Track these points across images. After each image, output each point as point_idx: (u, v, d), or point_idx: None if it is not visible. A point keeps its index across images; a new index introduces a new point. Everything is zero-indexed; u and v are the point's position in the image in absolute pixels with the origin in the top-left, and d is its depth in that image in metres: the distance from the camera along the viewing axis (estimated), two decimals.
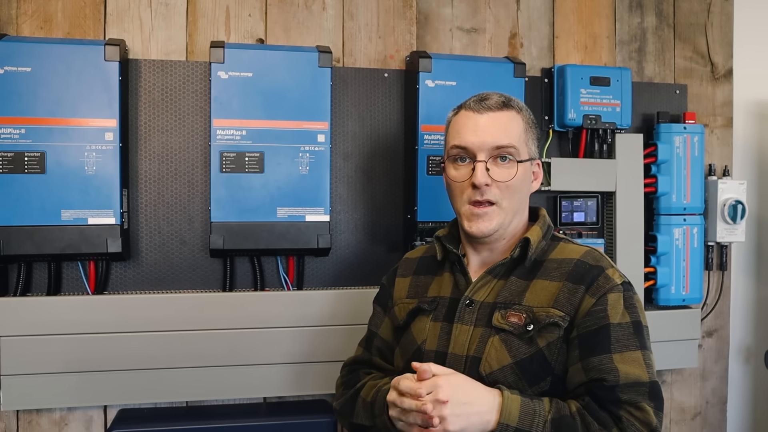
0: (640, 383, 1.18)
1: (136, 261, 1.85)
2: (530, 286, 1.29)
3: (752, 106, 2.43)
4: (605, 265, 1.28)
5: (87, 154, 1.69)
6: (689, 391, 2.32)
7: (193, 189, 1.87)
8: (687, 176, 2.13)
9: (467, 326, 1.30)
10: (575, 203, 2.11)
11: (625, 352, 1.20)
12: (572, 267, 1.28)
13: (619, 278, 1.27)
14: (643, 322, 1.26)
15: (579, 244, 1.35)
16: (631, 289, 1.28)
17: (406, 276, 1.48)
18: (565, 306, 1.24)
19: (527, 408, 1.17)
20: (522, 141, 1.34)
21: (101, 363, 1.74)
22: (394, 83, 2.00)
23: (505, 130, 1.32)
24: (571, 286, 1.25)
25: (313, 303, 1.86)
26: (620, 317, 1.23)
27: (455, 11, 2.08)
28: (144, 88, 1.84)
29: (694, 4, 2.29)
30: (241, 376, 1.82)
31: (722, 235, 2.22)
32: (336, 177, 1.95)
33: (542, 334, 1.23)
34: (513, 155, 1.31)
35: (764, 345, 2.42)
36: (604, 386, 1.18)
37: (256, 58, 1.78)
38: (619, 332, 1.22)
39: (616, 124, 2.05)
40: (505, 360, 1.23)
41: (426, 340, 1.34)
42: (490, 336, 1.26)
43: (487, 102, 1.34)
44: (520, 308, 1.26)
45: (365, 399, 1.36)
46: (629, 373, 1.19)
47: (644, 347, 1.23)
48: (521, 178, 1.33)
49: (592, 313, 1.23)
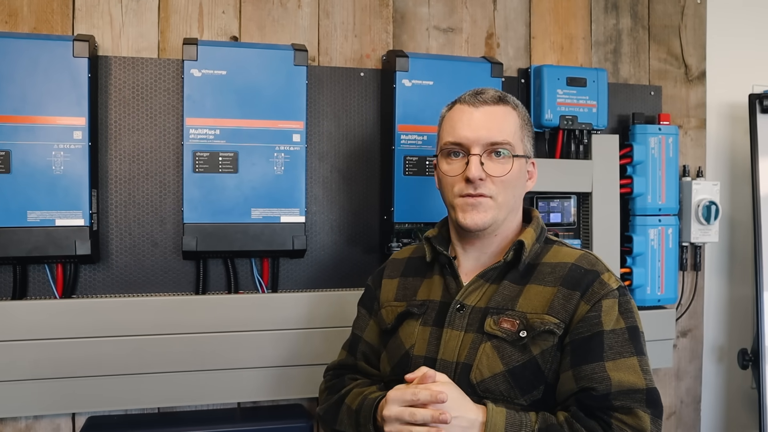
0: (636, 390, 1.15)
1: (105, 263, 1.80)
2: (524, 291, 1.25)
3: (725, 108, 2.45)
4: (600, 269, 1.25)
5: (54, 153, 1.64)
6: (664, 391, 2.33)
7: (164, 189, 1.83)
8: (662, 177, 2.14)
9: (458, 331, 1.26)
10: (552, 204, 2.11)
11: (619, 359, 1.17)
12: (567, 272, 1.24)
13: (614, 283, 1.24)
14: (639, 327, 1.23)
15: (573, 247, 1.33)
16: (626, 293, 1.25)
17: (393, 277, 1.44)
18: (560, 313, 1.21)
19: (513, 419, 1.14)
20: (517, 137, 1.31)
21: (69, 369, 1.69)
22: (370, 83, 1.97)
23: (501, 125, 1.29)
24: (566, 291, 1.22)
25: (288, 306, 1.82)
26: (614, 323, 1.20)
27: (432, 10, 2.06)
28: (114, 86, 1.79)
29: (668, 7, 2.31)
30: (215, 381, 1.78)
31: (696, 235, 2.23)
32: (311, 177, 1.92)
33: (536, 341, 1.20)
34: (509, 150, 1.28)
35: (737, 344, 2.45)
36: (593, 395, 1.15)
37: (231, 56, 1.74)
38: (612, 339, 1.19)
39: (592, 125, 2.05)
40: (497, 368, 1.20)
41: (414, 345, 1.30)
42: (481, 342, 1.22)
43: (482, 96, 1.31)
44: (514, 314, 1.22)
45: (350, 406, 1.31)
46: (623, 380, 1.16)
47: (640, 353, 1.20)
48: (516, 174, 1.29)
49: (585, 320, 1.19)
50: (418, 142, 1.87)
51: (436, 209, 1.37)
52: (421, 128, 1.87)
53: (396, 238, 1.89)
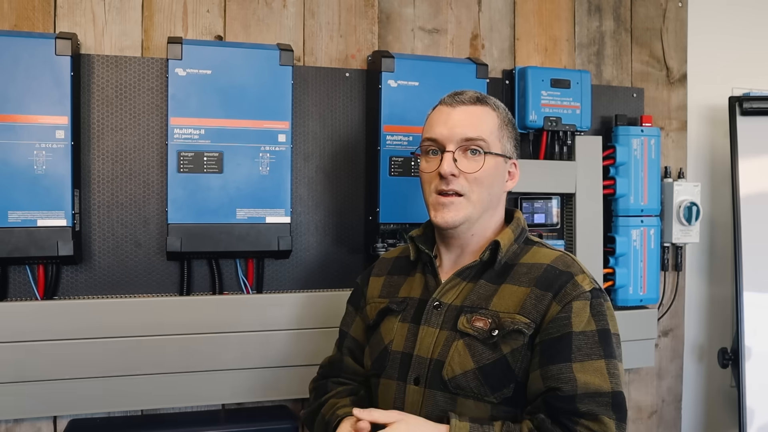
0: (601, 393, 1.16)
1: (88, 264, 1.78)
2: (498, 290, 1.27)
3: (705, 110, 2.49)
4: (575, 271, 1.25)
5: (36, 152, 1.62)
6: (646, 390, 2.35)
7: (148, 189, 1.81)
8: (644, 178, 2.17)
9: (433, 328, 1.28)
10: (536, 204, 2.12)
11: (587, 361, 1.17)
12: (542, 272, 1.25)
13: (588, 285, 1.24)
14: (612, 330, 1.23)
15: (552, 248, 1.33)
16: (601, 296, 1.25)
17: (380, 275, 1.46)
18: (531, 313, 1.21)
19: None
20: (494, 136, 1.32)
21: (51, 371, 1.66)
22: (355, 83, 1.97)
23: (476, 123, 1.31)
24: (538, 292, 1.23)
25: (273, 307, 1.81)
26: (585, 325, 1.20)
27: (417, 11, 2.07)
28: (97, 85, 1.77)
29: (650, 10, 2.34)
30: (199, 382, 1.77)
31: (678, 236, 2.26)
32: (297, 178, 1.91)
33: (507, 340, 1.21)
34: (482, 147, 1.29)
35: (717, 343, 2.48)
36: (559, 396, 1.16)
37: (215, 55, 1.73)
38: (581, 341, 1.19)
39: (576, 126, 2.07)
40: (468, 365, 1.22)
41: (393, 340, 1.33)
42: (454, 340, 1.25)
43: (461, 96, 1.34)
44: (487, 313, 1.24)
45: (324, 416, 1.36)
46: (589, 382, 1.16)
47: (610, 356, 1.19)
48: (490, 171, 1.30)
49: (556, 321, 1.20)
50: (403, 142, 1.87)
51: (422, 210, 1.38)
52: (407, 129, 1.87)
53: (381, 239, 1.89)
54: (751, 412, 2.27)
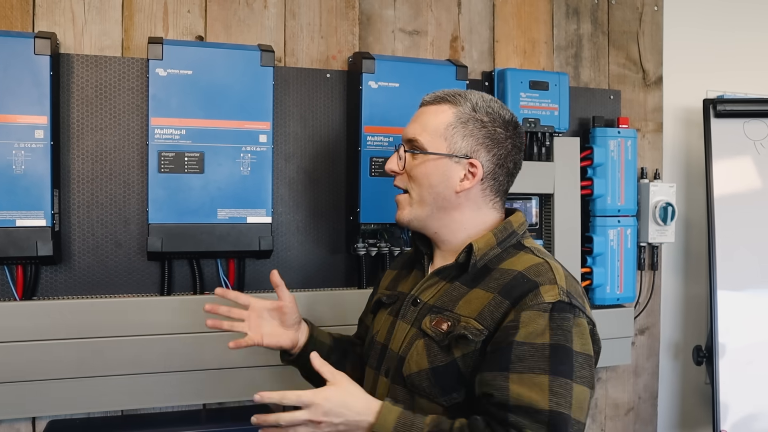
0: (536, 410, 1.09)
1: (68, 265, 1.77)
2: (468, 294, 1.25)
3: (680, 112, 2.53)
4: (542, 281, 1.19)
5: (15, 152, 1.61)
6: (623, 388, 2.39)
7: (129, 190, 1.81)
8: (621, 179, 2.20)
9: (406, 324, 1.31)
10: (515, 204, 2.15)
11: (526, 373, 1.11)
12: (509, 279, 1.21)
13: (552, 297, 1.16)
14: (577, 349, 1.15)
15: (538, 256, 1.26)
16: (570, 310, 1.16)
17: (394, 269, 1.52)
18: (486, 320, 1.18)
19: (405, 419, 1.15)
20: (437, 134, 1.29)
21: (30, 372, 1.65)
22: (336, 84, 1.98)
23: (422, 123, 1.32)
24: (499, 299, 1.19)
25: None
26: (534, 337, 1.13)
27: (398, 13, 2.08)
28: (77, 84, 1.76)
29: (627, 13, 2.37)
30: (180, 382, 1.77)
31: (654, 236, 2.30)
32: (278, 178, 1.92)
33: (458, 344, 1.20)
34: (417, 147, 1.31)
35: (692, 341, 2.53)
36: (492, 402, 1.13)
37: (196, 56, 1.73)
38: (524, 352, 1.12)
39: (554, 128, 2.10)
40: (423, 365, 1.22)
41: (378, 331, 1.39)
42: (417, 338, 1.26)
43: (429, 96, 1.35)
44: (450, 315, 1.23)
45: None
46: (522, 395, 1.10)
47: (559, 374, 1.11)
48: (426, 170, 1.29)
49: (505, 329, 1.16)
50: (384, 143, 1.89)
51: None
52: (387, 130, 1.88)
53: (362, 239, 1.91)
54: (725, 409, 2.32)
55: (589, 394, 1.15)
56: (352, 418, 1.15)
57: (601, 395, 2.36)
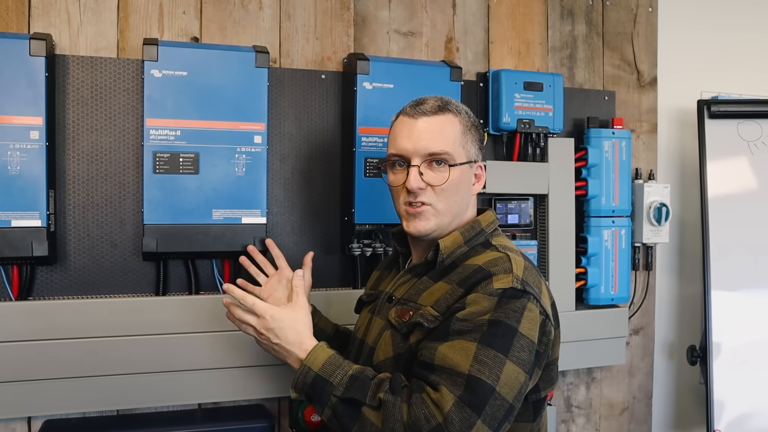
0: (457, 372, 1.12)
1: (63, 265, 1.78)
2: (432, 286, 1.30)
3: (675, 113, 2.54)
4: (497, 271, 1.22)
5: (11, 153, 1.62)
6: (617, 387, 2.40)
7: (124, 190, 1.81)
8: (615, 180, 2.21)
9: (381, 320, 1.36)
10: (510, 205, 2.16)
11: (456, 339, 1.15)
12: (470, 272, 1.25)
13: (504, 284, 1.19)
14: (520, 329, 1.16)
15: (501, 252, 1.28)
16: (518, 295, 1.19)
17: (379, 269, 1.60)
18: (440, 306, 1.24)
19: (334, 361, 1.24)
20: (458, 144, 1.34)
21: (25, 372, 1.66)
22: (331, 85, 1.99)
23: (439, 136, 1.32)
24: (455, 288, 1.24)
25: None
26: (475, 315, 1.16)
27: (393, 14, 2.09)
28: (72, 85, 1.77)
29: (621, 14, 2.38)
30: (175, 382, 1.77)
31: (648, 236, 2.31)
32: (273, 179, 1.92)
33: (414, 331, 1.26)
34: (446, 160, 1.32)
35: (686, 341, 2.53)
36: (418, 362, 1.19)
37: (192, 57, 1.74)
38: (463, 326, 1.16)
39: (548, 129, 2.10)
40: (389, 353, 1.29)
41: (359, 328, 1.46)
42: (385, 329, 1.32)
43: (422, 107, 1.34)
44: (413, 306, 1.29)
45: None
46: (447, 356, 1.14)
47: (488, 344, 1.13)
48: (455, 182, 1.33)
49: (452, 310, 1.21)
50: (378, 144, 1.89)
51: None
52: (382, 131, 1.89)
53: (357, 239, 1.91)
54: (719, 408, 2.33)
55: (524, 378, 1.15)
56: (286, 346, 1.29)
57: (596, 395, 2.37)
